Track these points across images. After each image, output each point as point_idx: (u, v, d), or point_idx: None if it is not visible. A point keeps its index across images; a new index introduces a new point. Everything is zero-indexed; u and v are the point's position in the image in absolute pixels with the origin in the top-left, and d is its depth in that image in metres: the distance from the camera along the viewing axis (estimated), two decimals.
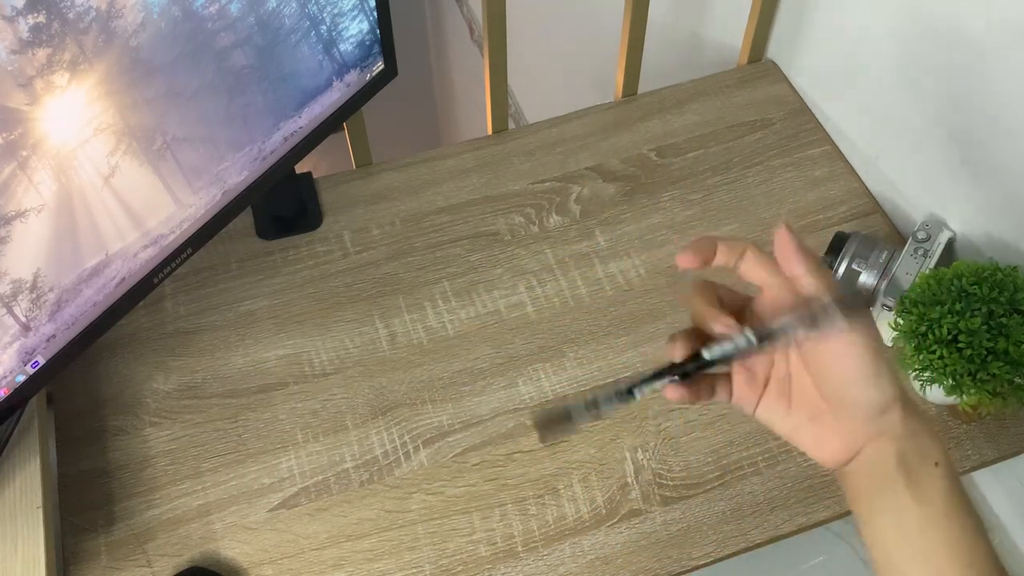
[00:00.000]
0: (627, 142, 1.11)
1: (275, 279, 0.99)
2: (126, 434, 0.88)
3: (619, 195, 1.06)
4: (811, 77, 1.14)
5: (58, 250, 0.70)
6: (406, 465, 0.86)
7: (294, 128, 0.89)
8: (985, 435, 0.87)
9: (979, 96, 0.88)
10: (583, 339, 0.94)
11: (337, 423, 0.88)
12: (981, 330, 0.76)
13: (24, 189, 0.65)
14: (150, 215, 0.78)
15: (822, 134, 1.11)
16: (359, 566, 0.81)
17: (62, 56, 0.63)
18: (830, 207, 1.05)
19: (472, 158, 1.09)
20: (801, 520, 0.83)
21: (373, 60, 0.94)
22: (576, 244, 1.01)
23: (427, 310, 0.96)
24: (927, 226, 0.93)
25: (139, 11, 0.67)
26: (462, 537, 0.82)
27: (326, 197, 1.05)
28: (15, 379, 0.73)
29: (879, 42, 1.00)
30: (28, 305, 0.70)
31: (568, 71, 1.81)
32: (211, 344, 0.94)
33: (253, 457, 0.86)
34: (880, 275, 0.91)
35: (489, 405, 0.90)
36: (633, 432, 0.88)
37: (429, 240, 1.02)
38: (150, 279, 0.82)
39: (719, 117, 1.13)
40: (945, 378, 0.77)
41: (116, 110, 0.70)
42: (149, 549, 0.81)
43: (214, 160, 0.82)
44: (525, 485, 0.85)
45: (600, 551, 0.81)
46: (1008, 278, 0.80)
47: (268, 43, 0.80)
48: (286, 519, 0.83)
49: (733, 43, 1.21)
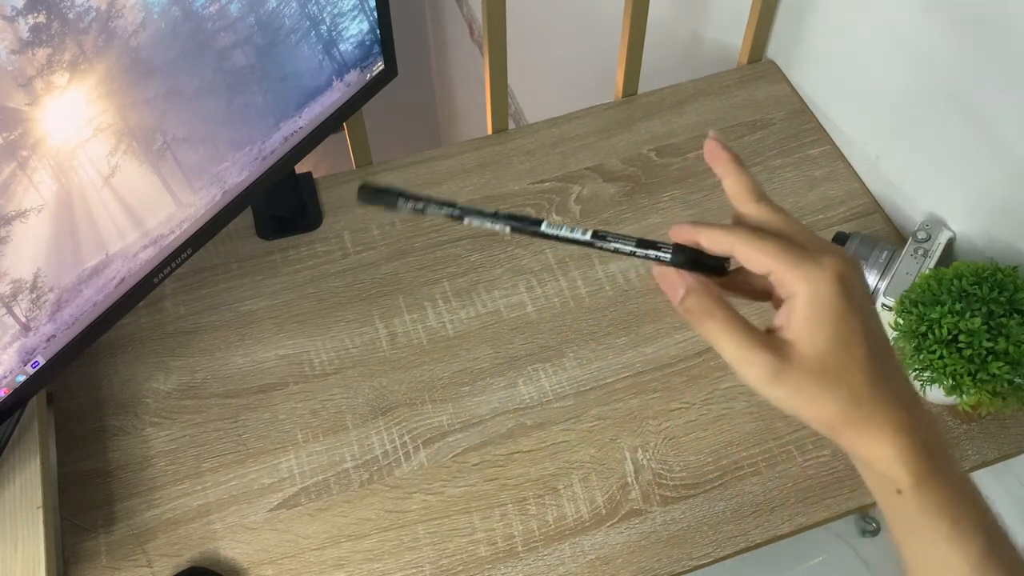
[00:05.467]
0: (627, 142, 1.11)
1: (275, 279, 0.99)
2: (126, 434, 0.88)
3: (619, 195, 1.06)
4: (811, 77, 1.14)
5: (58, 250, 0.70)
6: (406, 465, 0.86)
7: (294, 128, 0.89)
8: (985, 435, 0.87)
9: (979, 96, 0.88)
10: (583, 339, 0.94)
11: (337, 423, 0.88)
12: (981, 330, 0.76)
13: (24, 189, 0.65)
14: (150, 215, 0.78)
15: (822, 134, 1.12)
16: (359, 566, 0.81)
17: (62, 56, 0.63)
18: (830, 207, 1.05)
19: (472, 158, 1.10)
20: (801, 520, 0.83)
21: (373, 60, 0.94)
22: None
23: (427, 310, 0.96)
24: (927, 226, 0.93)
25: (139, 11, 0.67)
26: (462, 537, 0.82)
27: (326, 197, 1.05)
28: (15, 379, 0.73)
29: (879, 42, 1.00)
30: (28, 305, 0.70)
31: (568, 71, 1.80)
32: (211, 344, 0.94)
33: (253, 457, 0.86)
34: (880, 275, 0.91)
35: (489, 405, 0.90)
36: (633, 432, 0.88)
37: (429, 240, 1.02)
38: (150, 279, 0.82)
39: (719, 117, 1.13)
40: (945, 378, 0.77)
41: (116, 110, 0.70)
42: (149, 549, 0.81)
43: (214, 160, 0.82)
44: (525, 485, 0.85)
45: (600, 551, 0.81)
46: (1008, 278, 0.80)
47: (268, 43, 0.80)
48: (286, 519, 0.83)
49: (733, 43, 1.21)
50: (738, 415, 0.89)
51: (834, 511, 0.83)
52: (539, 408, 0.89)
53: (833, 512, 0.83)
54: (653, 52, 1.16)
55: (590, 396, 0.90)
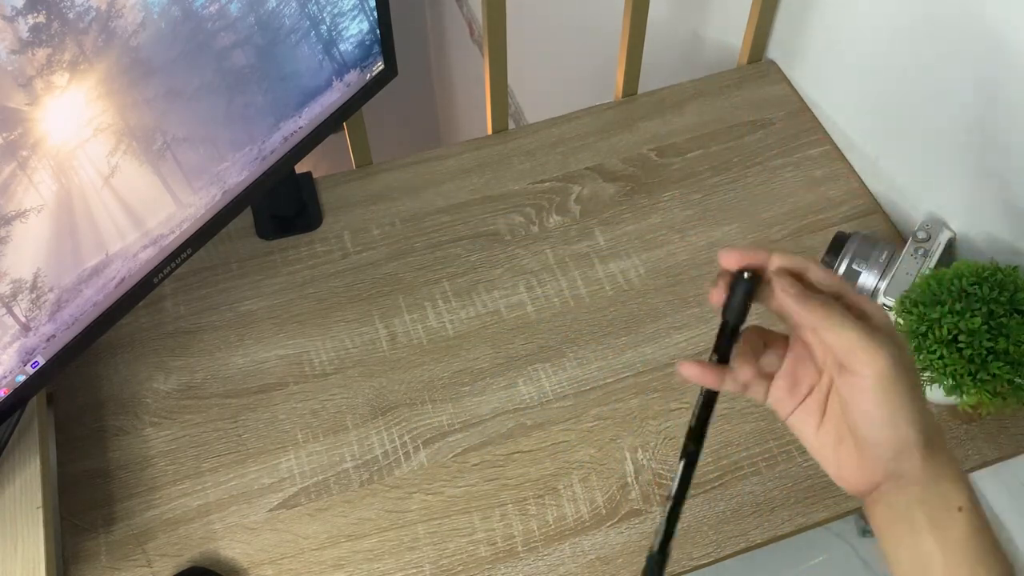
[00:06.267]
0: (627, 142, 1.11)
1: (275, 279, 0.99)
2: (126, 434, 0.88)
3: (619, 195, 1.06)
4: (811, 77, 1.14)
5: (58, 250, 0.70)
6: (406, 465, 0.86)
7: (294, 128, 0.89)
8: (985, 435, 0.87)
9: (979, 96, 0.88)
10: (583, 339, 0.94)
11: (337, 423, 0.88)
12: (981, 330, 0.76)
13: (24, 189, 0.65)
14: (150, 215, 0.78)
15: (822, 134, 1.11)
16: (359, 566, 0.81)
17: (62, 56, 0.63)
18: (830, 207, 1.05)
19: (472, 158, 1.09)
20: (801, 520, 0.83)
21: (373, 60, 0.94)
22: (576, 244, 1.01)
23: (427, 310, 0.96)
24: (927, 226, 0.93)
25: (139, 11, 0.67)
26: (462, 537, 0.82)
27: (326, 197, 1.05)
28: (15, 379, 0.73)
29: (879, 42, 1.00)
30: (28, 305, 0.70)
31: (568, 71, 1.80)
32: (211, 344, 0.94)
33: (253, 457, 0.86)
34: (880, 275, 0.91)
35: (489, 405, 0.90)
36: (633, 432, 0.88)
37: (429, 240, 1.02)
38: (150, 279, 0.82)
39: (719, 117, 1.13)
40: (945, 378, 0.77)
41: (116, 110, 0.70)
42: (149, 549, 0.81)
43: (214, 160, 0.82)
44: (525, 485, 0.85)
45: (600, 551, 0.81)
46: (1008, 278, 0.80)
47: (268, 43, 0.80)
48: (286, 519, 0.83)
49: (733, 43, 1.21)
50: (738, 415, 0.89)
51: (834, 511, 0.83)
52: (539, 408, 0.89)
53: (833, 512, 0.83)
54: (653, 52, 1.16)
55: (590, 396, 0.90)
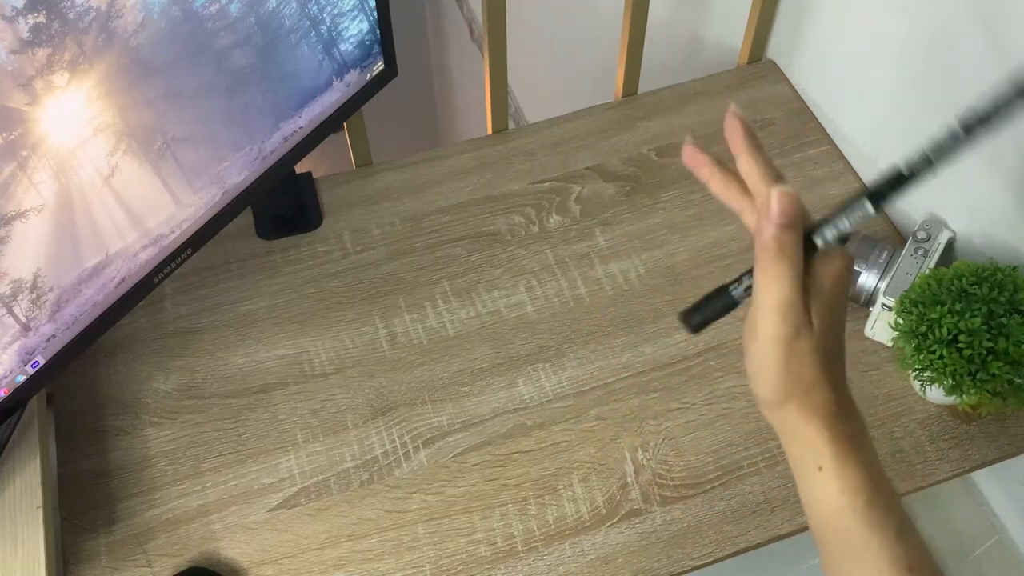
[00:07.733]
0: (627, 142, 1.11)
1: (275, 279, 0.99)
2: (126, 434, 0.88)
3: (619, 195, 1.06)
4: (811, 77, 1.14)
5: (58, 250, 0.71)
6: (406, 465, 0.86)
7: (294, 128, 0.89)
8: (985, 435, 0.87)
9: (979, 96, 0.88)
10: (583, 339, 0.94)
11: (337, 423, 0.88)
12: (981, 330, 0.76)
13: (24, 189, 0.65)
14: (150, 215, 0.78)
15: (822, 134, 1.12)
16: (359, 566, 0.81)
17: (62, 56, 0.63)
18: (830, 207, 1.05)
19: (472, 158, 1.10)
20: (801, 520, 0.83)
21: (373, 60, 0.94)
22: (576, 244, 1.01)
23: (427, 310, 0.96)
24: (927, 226, 0.93)
25: (139, 11, 0.67)
26: (462, 537, 0.82)
27: (326, 197, 1.05)
28: (15, 379, 0.73)
29: (879, 42, 1.00)
30: (28, 305, 0.70)
31: (568, 71, 1.81)
32: (211, 344, 0.94)
33: (253, 457, 0.86)
34: (880, 275, 0.91)
35: (489, 405, 0.90)
36: (633, 432, 0.88)
37: (429, 240, 1.02)
38: (150, 279, 0.82)
39: (719, 117, 1.12)
40: (945, 378, 0.77)
41: (116, 110, 0.70)
42: (149, 549, 0.81)
43: (214, 160, 0.82)
44: (525, 485, 0.85)
45: (600, 551, 0.81)
46: (1008, 278, 0.80)
47: (268, 43, 0.80)
48: (286, 519, 0.83)
49: (733, 43, 1.21)
50: (738, 415, 0.89)
51: None
52: (539, 408, 0.89)
53: None
54: (653, 52, 1.16)
55: (590, 396, 0.90)
